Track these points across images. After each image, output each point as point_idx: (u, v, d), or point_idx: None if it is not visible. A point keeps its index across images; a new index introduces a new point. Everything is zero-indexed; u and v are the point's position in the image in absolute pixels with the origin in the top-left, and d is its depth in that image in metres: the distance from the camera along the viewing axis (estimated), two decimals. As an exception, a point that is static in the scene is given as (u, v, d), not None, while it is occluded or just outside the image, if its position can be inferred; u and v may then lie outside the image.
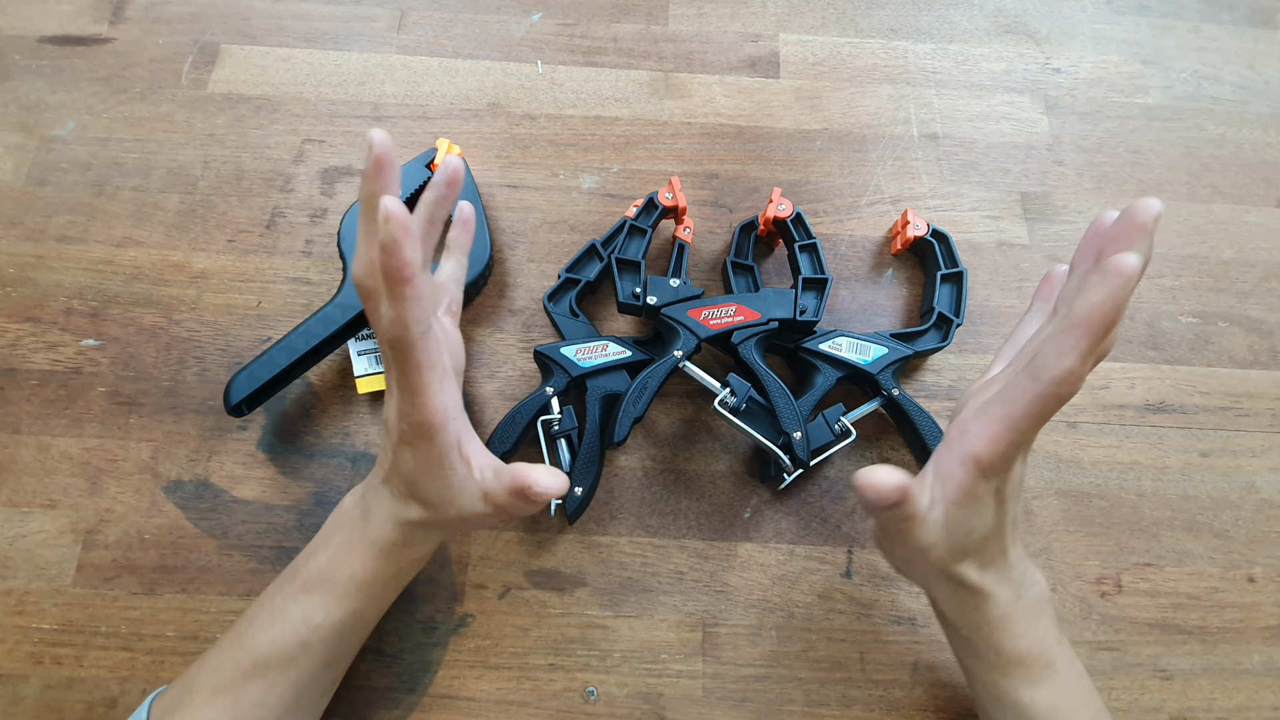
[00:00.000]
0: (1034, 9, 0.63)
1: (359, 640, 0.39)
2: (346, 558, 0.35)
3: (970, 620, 0.35)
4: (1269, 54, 0.62)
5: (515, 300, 0.52)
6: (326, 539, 0.37)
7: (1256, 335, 0.53)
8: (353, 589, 0.35)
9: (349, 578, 0.35)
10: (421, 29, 0.59)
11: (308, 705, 0.37)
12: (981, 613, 0.34)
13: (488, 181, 0.55)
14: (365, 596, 0.36)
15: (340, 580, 0.35)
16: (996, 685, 0.35)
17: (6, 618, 0.43)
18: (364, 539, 0.35)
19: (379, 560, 0.35)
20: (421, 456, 0.33)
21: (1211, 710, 0.44)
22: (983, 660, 0.35)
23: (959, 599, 0.35)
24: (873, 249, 0.55)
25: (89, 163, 0.54)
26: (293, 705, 0.35)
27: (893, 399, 0.47)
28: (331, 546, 0.36)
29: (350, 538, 0.36)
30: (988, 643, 0.35)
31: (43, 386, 0.48)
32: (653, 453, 0.49)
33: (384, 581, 0.36)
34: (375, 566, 0.35)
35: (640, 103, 0.58)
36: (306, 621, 0.35)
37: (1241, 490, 0.49)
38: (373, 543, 0.35)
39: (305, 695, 0.36)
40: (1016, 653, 0.34)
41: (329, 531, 0.37)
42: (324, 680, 0.38)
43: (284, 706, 0.35)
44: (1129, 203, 0.30)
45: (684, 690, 0.44)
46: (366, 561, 0.35)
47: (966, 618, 0.35)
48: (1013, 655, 0.34)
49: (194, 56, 0.57)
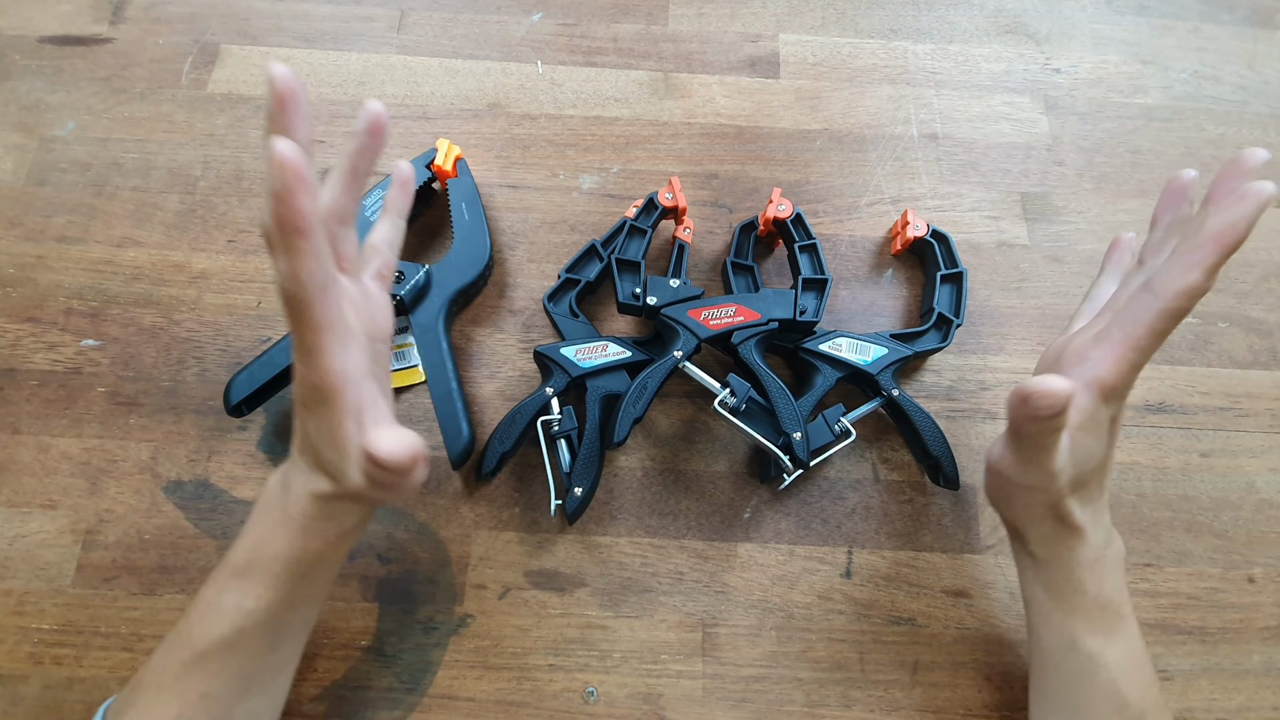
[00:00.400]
0: (1034, 9, 0.63)
1: (304, 620, 0.37)
2: (271, 539, 0.34)
3: (1064, 560, 0.36)
4: (1269, 54, 0.62)
5: (515, 300, 0.52)
6: (254, 521, 0.35)
7: (1256, 335, 0.53)
8: (279, 570, 0.34)
9: (274, 559, 0.34)
10: (421, 29, 0.59)
11: (260, 690, 0.36)
12: (1076, 554, 0.36)
13: (488, 181, 0.55)
14: (294, 577, 0.34)
15: (266, 562, 0.34)
16: (1074, 632, 0.36)
17: (6, 618, 0.43)
18: (285, 516, 0.34)
19: (302, 538, 0.34)
20: (319, 422, 0.31)
21: (1211, 710, 0.44)
22: (1065, 602, 0.37)
23: (1058, 538, 0.36)
24: (873, 249, 0.55)
25: (89, 163, 0.54)
26: (243, 692, 0.35)
27: (893, 399, 0.47)
28: (257, 528, 0.35)
29: (274, 517, 0.34)
30: (1076, 585, 0.36)
31: (43, 386, 0.48)
32: (653, 453, 0.49)
33: (311, 560, 0.34)
34: (300, 544, 0.34)
35: (640, 103, 0.58)
36: (239, 609, 0.34)
37: (1241, 490, 0.49)
38: (294, 519, 0.33)
39: (255, 681, 0.35)
40: (1100, 599, 0.36)
41: (256, 512, 0.35)
42: (272, 664, 0.36)
43: (234, 695, 0.34)
44: (1232, 157, 0.32)
45: (684, 690, 0.44)
46: (291, 540, 0.34)
47: (1061, 558, 0.36)
48: (1096, 601, 0.36)
49: (194, 56, 0.57)
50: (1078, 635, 0.36)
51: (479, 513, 0.47)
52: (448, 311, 0.48)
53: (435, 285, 0.48)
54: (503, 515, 0.47)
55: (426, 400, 0.49)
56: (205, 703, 0.34)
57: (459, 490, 0.47)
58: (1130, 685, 0.36)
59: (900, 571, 0.47)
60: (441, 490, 0.47)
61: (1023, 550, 0.39)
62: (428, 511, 0.47)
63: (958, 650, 0.45)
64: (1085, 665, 0.36)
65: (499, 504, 0.47)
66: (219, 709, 0.34)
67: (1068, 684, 0.37)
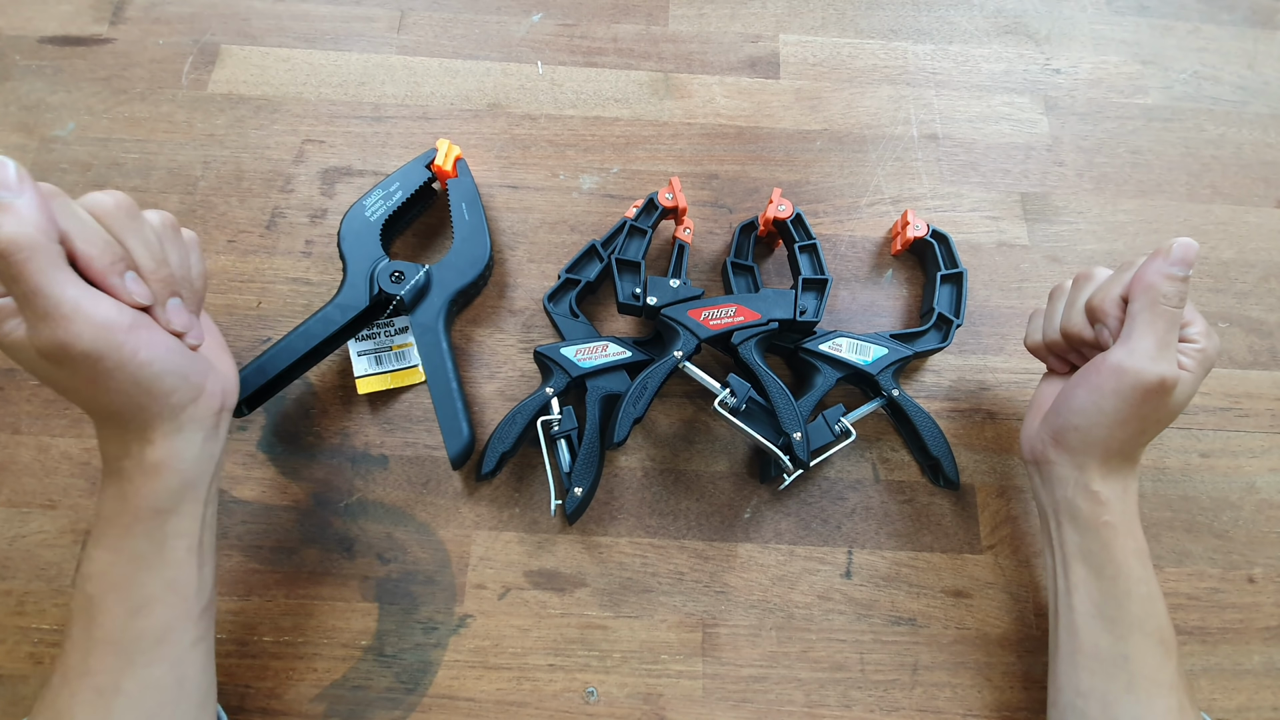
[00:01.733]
0: (1034, 9, 0.63)
1: (177, 592, 0.35)
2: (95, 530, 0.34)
3: (1124, 500, 0.39)
4: (1269, 54, 0.62)
5: (515, 300, 0.52)
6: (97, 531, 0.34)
7: (1256, 335, 0.53)
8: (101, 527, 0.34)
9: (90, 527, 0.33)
10: (421, 29, 0.59)
11: (190, 678, 0.35)
12: (1132, 495, 0.39)
13: (488, 182, 0.55)
14: (119, 532, 0.34)
15: (95, 531, 0.34)
16: (1125, 553, 0.38)
17: (6, 618, 0.43)
18: (120, 492, 0.34)
19: (102, 491, 0.34)
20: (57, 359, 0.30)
21: (1211, 710, 0.44)
22: (1119, 533, 0.39)
23: (1121, 478, 0.39)
24: (873, 249, 0.55)
25: (89, 163, 0.54)
26: (174, 685, 0.35)
27: (893, 399, 0.47)
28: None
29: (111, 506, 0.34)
30: (1130, 524, 0.39)
31: (43, 387, 0.48)
32: (653, 453, 0.49)
33: (109, 516, 0.34)
34: (100, 498, 0.34)
35: (640, 103, 0.58)
36: (86, 574, 0.33)
37: (1241, 490, 0.49)
38: (119, 479, 0.34)
39: (185, 665, 0.35)
40: (1142, 540, 0.39)
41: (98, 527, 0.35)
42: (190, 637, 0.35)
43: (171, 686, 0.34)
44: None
45: (684, 690, 0.44)
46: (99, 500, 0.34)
47: (1121, 497, 0.39)
48: (1142, 541, 0.39)
49: (194, 57, 0.57)
50: (1121, 559, 0.38)
51: (479, 513, 0.47)
52: (448, 311, 0.48)
53: (435, 285, 0.48)
54: (503, 515, 0.47)
55: (426, 400, 0.49)
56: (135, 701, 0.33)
57: (459, 490, 0.47)
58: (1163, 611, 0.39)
59: (900, 571, 0.47)
60: (441, 490, 0.47)
61: (1079, 497, 0.39)
62: (428, 511, 0.47)
63: (958, 650, 0.45)
64: (1150, 590, 0.38)
65: (499, 504, 0.47)
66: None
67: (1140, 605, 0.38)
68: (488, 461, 0.45)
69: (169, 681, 0.35)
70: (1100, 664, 0.38)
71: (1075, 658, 0.39)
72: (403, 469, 0.47)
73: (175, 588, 0.35)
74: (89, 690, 0.33)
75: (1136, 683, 0.37)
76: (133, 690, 0.33)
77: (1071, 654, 0.39)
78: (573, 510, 0.44)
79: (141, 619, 0.34)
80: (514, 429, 0.45)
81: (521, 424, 0.45)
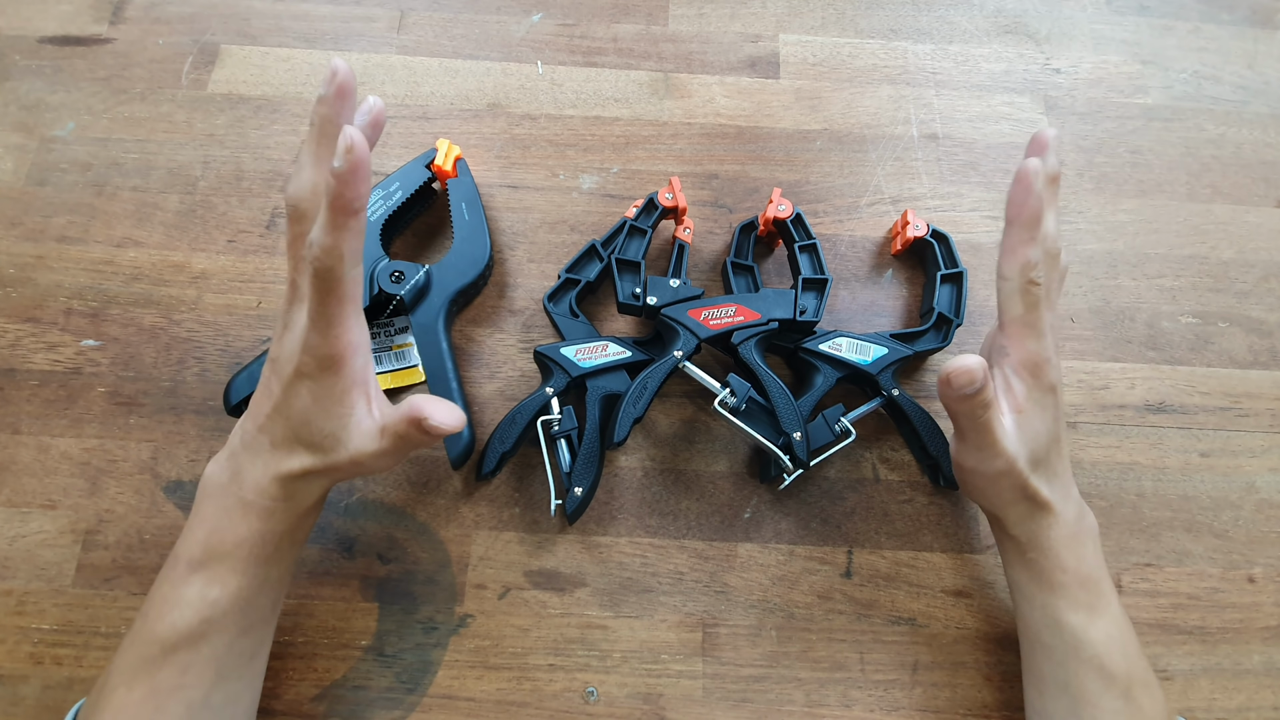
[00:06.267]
0: (1034, 9, 0.63)
1: (272, 602, 0.38)
2: (229, 526, 0.34)
3: (1040, 540, 0.38)
4: (1269, 54, 0.62)
5: (515, 300, 0.52)
6: (200, 515, 0.35)
7: (1256, 335, 0.53)
8: (244, 555, 0.34)
9: (236, 545, 0.34)
10: (421, 29, 0.59)
11: (234, 675, 0.36)
12: (1052, 532, 0.37)
13: (488, 182, 0.55)
14: (260, 560, 0.35)
15: (227, 550, 0.34)
16: (1056, 609, 0.37)
17: (6, 618, 0.43)
18: (243, 503, 0.34)
19: (265, 521, 0.34)
20: (323, 392, 0.32)
21: (1211, 710, 0.44)
22: (1046, 582, 0.38)
23: (1032, 518, 0.38)
24: (873, 249, 0.55)
25: (89, 163, 0.54)
26: (217, 679, 0.35)
27: (893, 399, 0.47)
28: (207, 521, 0.35)
29: (225, 505, 0.34)
30: (1055, 562, 0.37)
31: (43, 387, 0.48)
32: (653, 453, 0.49)
33: (275, 541, 0.35)
34: (261, 528, 0.34)
35: (640, 103, 0.58)
36: (204, 599, 0.34)
37: (1241, 490, 0.49)
38: (250, 504, 0.34)
39: (227, 667, 0.35)
40: (1080, 574, 0.37)
41: (199, 506, 0.35)
42: (244, 649, 0.36)
43: (206, 683, 0.34)
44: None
45: (684, 690, 0.44)
46: (251, 525, 0.34)
47: (1037, 537, 0.38)
48: (1076, 576, 0.37)
49: (194, 57, 0.57)
50: (1061, 613, 0.37)
51: (479, 513, 0.47)
52: (448, 311, 0.48)
53: (435, 285, 0.48)
54: (503, 515, 0.47)
55: (426, 400, 0.49)
56: (178, 694, 0.34)
57: (459, 490, 0.47)
58: (1116, 658, 0.36)
59: (900, 571, 0.47)
60: (441, 490, 0.47)
61: (1003, 535, 0.40)
62: (428, 511, 0.47)
63: (958, 650, 0.45)
64: (1071, 642, 0.37)
65: (499, 504, 0.47)
66: (194, 696, 0.34)
67: (1056, 662, 0.38)
68: (488, 461, 0.45)
69: (247, 697, 0.38)
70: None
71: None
72: (403, 469, 0.47)
73: (276, 608, 0.38)
74: (179, 704, 0.34)
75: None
76: (218, 703, 0.35)
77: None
78: (573, 510, 0.45)
79: (245, 638, 0.36)
80: (514, 429, 0.45)
81: (521, 424, 0.45)
